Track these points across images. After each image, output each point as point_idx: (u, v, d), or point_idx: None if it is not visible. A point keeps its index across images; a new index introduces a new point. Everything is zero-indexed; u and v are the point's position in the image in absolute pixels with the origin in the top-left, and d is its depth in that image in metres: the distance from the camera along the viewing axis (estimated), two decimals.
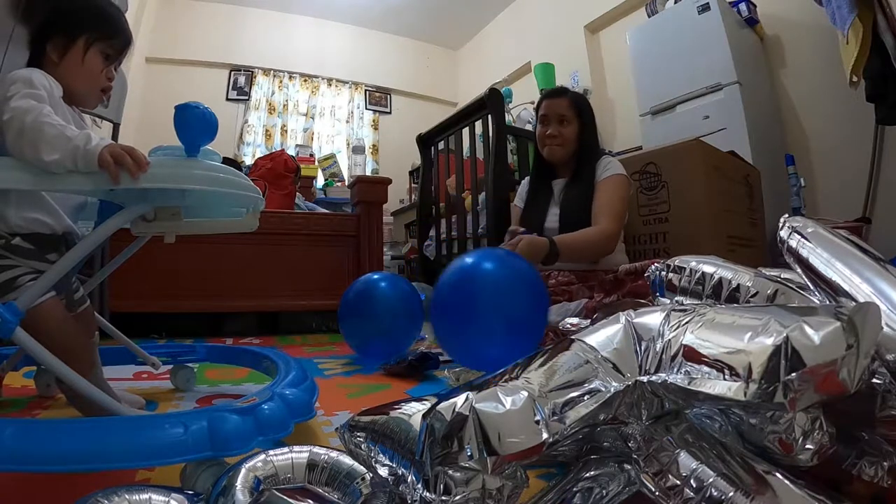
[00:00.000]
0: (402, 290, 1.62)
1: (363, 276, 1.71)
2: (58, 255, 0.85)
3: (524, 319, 1.03)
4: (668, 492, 0.43)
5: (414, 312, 1.61)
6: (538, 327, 1.05)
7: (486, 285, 1.04)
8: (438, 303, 1.09)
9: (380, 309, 1.57)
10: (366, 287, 1.63)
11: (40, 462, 0.53)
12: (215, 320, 2.53)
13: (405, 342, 1.62)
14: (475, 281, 1.05)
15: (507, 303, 1.01)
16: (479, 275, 1.06)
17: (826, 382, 0.36)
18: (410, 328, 1.62)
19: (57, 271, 0.71)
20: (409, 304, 1.60)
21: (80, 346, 0.83)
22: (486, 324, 1.00)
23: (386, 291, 1.61)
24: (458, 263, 1.11)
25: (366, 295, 1.61)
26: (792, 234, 0.61)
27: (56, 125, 0.68)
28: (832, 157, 2.36)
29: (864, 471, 0.46)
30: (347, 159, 4.70)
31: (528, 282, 1.05)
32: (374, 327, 1.56)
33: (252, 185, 0.83)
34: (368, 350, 1.63)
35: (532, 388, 0.44)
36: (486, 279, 1.05)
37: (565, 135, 1.44)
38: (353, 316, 1.60)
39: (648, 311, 0.52)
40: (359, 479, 0.52)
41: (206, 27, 4.32)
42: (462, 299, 1.04)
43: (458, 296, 1.05)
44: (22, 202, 0.80)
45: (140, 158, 0.67)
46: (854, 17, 1.65)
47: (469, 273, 1.07)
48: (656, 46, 2.66)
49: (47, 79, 0.77)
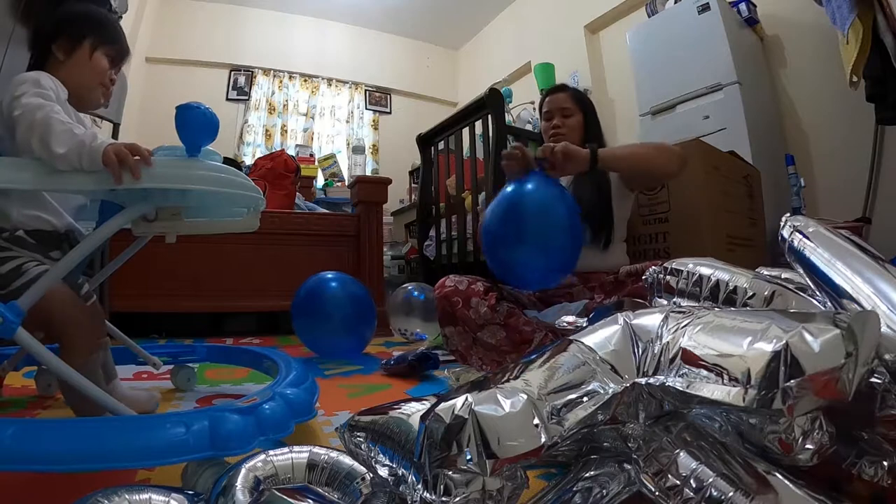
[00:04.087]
0: (351, 292, 1.74)
1: (314, 276, 1.80)
2: (60, 252, 0.86)
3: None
4: (667, 492, 0.44)
5: (364, 313, 1.74)
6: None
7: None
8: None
9: (330, 308, 1.68)
10: (317, 286, 1.74)
11: (40, 462, 0.53)
12: (215, 320, 2.53)
13: (357, 342, 1.75)
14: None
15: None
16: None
17: (825, 389, 0.36)
18: (362, 328, 1.74)
19: (60, 269, 0.72)
20: (359, 305, 1.73)
21: (84, 322, 0.83)
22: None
23: (336, 291, 1.71)
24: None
25: (316, 294, 1.71)
26: (793, 234, 0.61)
27: (64, 122, 0.69)
28: (832, 157, 2.35)
29: (864, 470, 0.46)
30: (347, 159, 4.70)
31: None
32: (325, 327, 1.67)
33: (252, 185, 0.83)
34: (321, 348, 1.73)
35: (531, 389, 0.44)
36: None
37: (569, 125, 1.44)
38: (304, 315, 1.71)
39: (647, 313, 0.52)
40: (359, 480, 0.52)
41: (206, 27, 4.31)
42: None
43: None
44: (24, 201, 0.82)
45: (144, 154, 0.68)
46: (854, 17, 1.65)
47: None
48: (656, 46, 2.66)
49: (53, 81, 0.79)
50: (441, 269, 2.35)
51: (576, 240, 1.09)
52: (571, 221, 1.08)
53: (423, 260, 2.62)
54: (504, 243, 1.10)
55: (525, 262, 1.09)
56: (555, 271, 1.13)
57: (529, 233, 1.06)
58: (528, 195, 1.09)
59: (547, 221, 1.06)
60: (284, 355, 1.06)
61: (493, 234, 1.11)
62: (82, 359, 0.77)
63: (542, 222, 1.06)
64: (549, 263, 1.09)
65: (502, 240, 1.10)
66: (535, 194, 1.09)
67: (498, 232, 1.10)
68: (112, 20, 0.96)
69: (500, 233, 1.10)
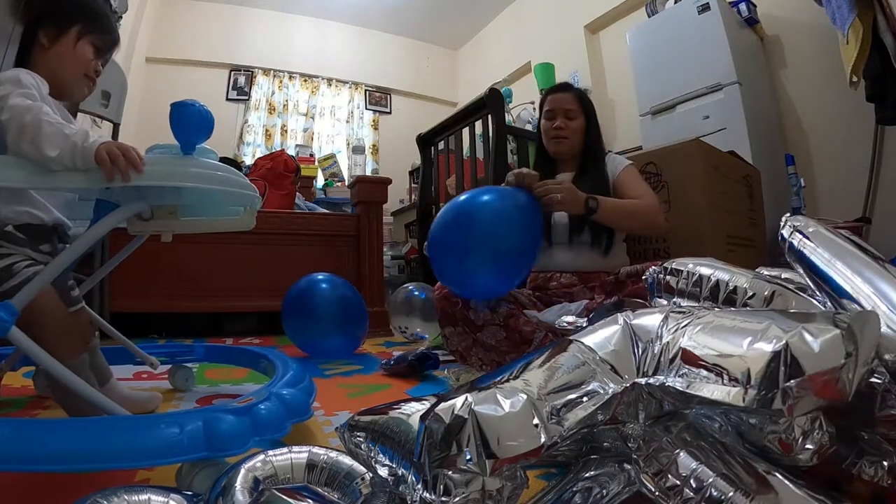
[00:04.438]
0: (342, 294, 1.76)
1: (303, 278, 1.83)
2: (49, 245, 0.86)
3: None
4: (667, 492, 0.43)
5: (354, 313, 1.77)
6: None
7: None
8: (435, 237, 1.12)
9: (321, 309, 1.70)
10: (308, 287, 1.76)
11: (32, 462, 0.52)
12: (215, 320, 2.53)
13: (350, 342, 1.78)
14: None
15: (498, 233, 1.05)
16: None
17: (824, 389, 0.36)
18: (353, 328, 1.77)
19: (53, 269, 0.71)
20: (349, 306, 1.76)
21: (71, 325, 0.84)
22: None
23: (326, 293, 1.74)
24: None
25: (307, 295, 1.74)
26: (793, 234, 0.61)
27: (54, 123, 0.68)
28: (832, 157, 2.35)
29: (864, 470, 0.46)
30: (347, 159, 4.70)
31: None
32: (315, 328, 1.70)
33: (248, 182, 0.83)
34: (312, 349, 1.74)
35: (531, 389, 0.44)
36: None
37: (572, 128, 1.43)
38: (295, 316, 1.73)
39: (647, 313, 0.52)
40: (358, 480, 0.52)
41: (206, 27, 4.31)
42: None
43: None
44: (10, 197, 0.82)
45: (134, 159, 0.68)
46: (854, 17, 1.65)
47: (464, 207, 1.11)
48: (656, 46, 2.65)
49: (33, 77, 0.78)
50: None
51: (523, 258, 1.11)
52: (524, 242, 1.09)
53: (423, 260, 2.61)
54: (448, 252, 1.10)
55: (471, 273, 1.08)
56: (498, 285, 1.13)
57: (475, 245, 1.05)
58: (483, 208, 1.09)
59: (495, 235, 1.06)
60: (282, 355, 1.06)
61: (437, 241, 1.11)
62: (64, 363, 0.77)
63: (490, 235, 1.06)
64: (492, 277, 1.09)
65: (445, 248, 1.10)
66: (490, 208, 1.09)
67: (442, 240, 1.10)
68: (103, 9, 0.94)
69: (444, 241, 1.10)
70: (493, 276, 1.09)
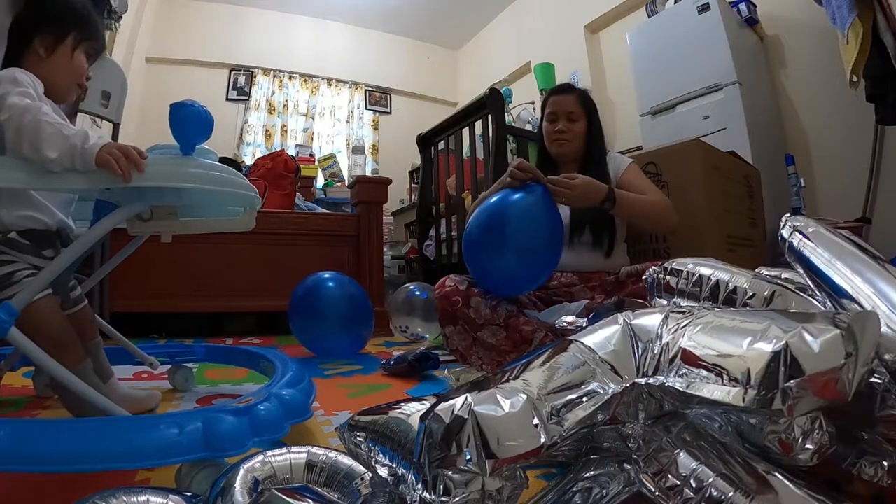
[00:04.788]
0: (348, 292, 1.76)
1: (310, 276, 1.82)
2: (53, 250, 0.86)
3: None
4: (667, 492, 0.43)
5: (361, 312, 1.75)
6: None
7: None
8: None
9: (327, 309, 1.70)
10: (314, 286, 1.75)
11: (37, 462, 0.52)
12: (215, 320, 2.53)
13: (355, 342, 1.77)
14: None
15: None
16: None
17: (824, 390, 0.36)
18: (359, 328, 1.76)
19: (52, 270, 0.71)
20: (356, 305, 1.75)
21: (68, 340, 0.83)
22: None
23: (333, 291, 1.73)
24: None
25: (314, 294, 1.73)
26: (793, 234, 0.61)
27: (54, 123, 0.68)
28: (832, 157, 2.35)
29: (864, 470, 0.46)
30: (347, 159, 4.70)
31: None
32: (322, 327, 1.70)
33: (248, 183, 0.83)
34: (318, 348, 1.74)
35: (531, 389, 0.44)
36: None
37: (575, 130, 1.42)
38: (301, 315, 1.73)
39: (647, 313, 0.52)
40: (358, 480, 0.52)
41: (206, 27, 4.31)
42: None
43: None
44: (13, 201, 0.81)
45: (136, 159, 0.67)
46: (854, 17, 1.65)
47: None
48: (656, 46, 2.65)
49: (29, 77, 0.78)
50: (441, 269, 2.35)
51: (552, 256, 1.16)
52: (552, 238, 1.15)
53: (423, 260, 2.62)
54: (484, 250, 1.17)
55: (502, 269, 1.16)
56: (528, 282, 1.20)
57: (509, 243, 1.13)
58: (514, 207, 1.16)
59: (528, 235, 1.14)
60: (282, 355, 1.06)
61: (475, 240, 1.18)
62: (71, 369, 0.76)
63: (523, 234, 1.14)
64: (523, 273, 1.16)
65: (482, 246, 1.17)
66: (521, 207, 1.15)
67: (479, 239, 1.17)
68: (95, 16, 0.93)
69: (482, 240, 1.17)
70: (524, 269, 1.16)
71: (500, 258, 1.14)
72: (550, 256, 1.16)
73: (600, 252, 1.35)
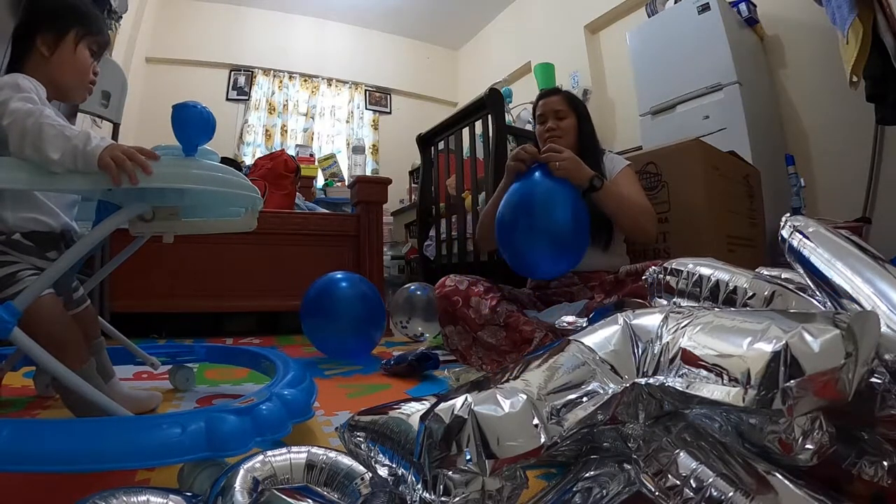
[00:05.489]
0: (361, 291, 1.71)
1: (324, 276, 1.77)
2: (57, 252, 0.86)
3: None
4: (667, 492, 0.43)
5: (374, 313, 1.71)
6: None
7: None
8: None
9: (341, 309, 1.65)
10: (327, 286, 1.71)
11: (37, 462, 0.52)
12: (215, 320, 2.53)
13: (366, 343, 1.72)
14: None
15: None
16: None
17: (824, 389, 0.36)
18: (371, 329, 1.72)
19: (55, 271, 0.71)
20: (369, 305, 1.70)
21: (70, 341, 0.83)
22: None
23: (346, 291, 1.69)
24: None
25: (326, 294, 1.69)
26: (793, 234, 0.61)
27: (56, 125, 0.68)
28: (832, 157, 2.35)
29: (864, 470, 0.46)
30: (347, 159, 4.70)
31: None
32: (335, 327, 1.65)
33: (249, 184, 0.83)
34: (330, 348, 1.71)
35: (531, 390, 0.44)
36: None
37: (563, 127, 1.44)
38: (313, 316, 1.69)
39: (647, 313, 0.52)
40: (358, 480, 0.52)
41: (206, 27, 4.31)
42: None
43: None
44: (17, 203, 0.81)
45: (142, 161, 0.67)
46: (854, 17, 1.65)
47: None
48: (656, 46, 2.65)
49: (31, 81, 0.78)
50: (441, 269, 2.34)
51: (583, 225, 1.16)
52: (578, 212, 1.15)
53: (423, 260, 2.61)
54: (517, 232, 1.16)
55: (537, 249, 1.15)
56: (566, 257, 1.18)
57: (541, 223, 1.14)
58: (539, 187, 1.17)
59: (559, 210, 1.14)
60: (283, 356, 1.06)
61: (508, 223, 1.18)
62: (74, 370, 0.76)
63: (554, 211, 1.15)
64: (560, 250, 1.16)
65: (515, 228, 1.16)
66: (545, 186, 1.17)
67: (512, 221, 1.17)
68: (95, 9, 0.93)
69: (514, 222, 1.16)
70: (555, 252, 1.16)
71: (534, 240, 1.15)
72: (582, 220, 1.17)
73: (598, 246, 1.35)
